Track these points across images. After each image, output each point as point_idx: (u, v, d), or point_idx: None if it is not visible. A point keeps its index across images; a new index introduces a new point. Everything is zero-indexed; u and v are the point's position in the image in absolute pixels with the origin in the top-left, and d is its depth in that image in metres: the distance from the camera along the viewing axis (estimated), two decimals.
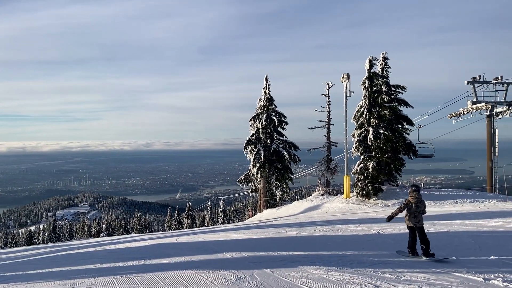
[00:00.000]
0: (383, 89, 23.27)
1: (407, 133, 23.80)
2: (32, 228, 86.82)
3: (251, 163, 30.38)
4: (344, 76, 24.67)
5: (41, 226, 74.74)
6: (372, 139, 22.57)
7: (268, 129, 30.22)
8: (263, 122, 29.88)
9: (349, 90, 24.73)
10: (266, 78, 30.33)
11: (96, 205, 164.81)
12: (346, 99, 24.79)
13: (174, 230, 42.76)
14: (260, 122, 30.14)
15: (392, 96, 23.52)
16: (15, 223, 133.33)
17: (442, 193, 22.28)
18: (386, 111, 22.77)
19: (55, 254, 13.78)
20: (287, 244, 11.10)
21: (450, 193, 22.14)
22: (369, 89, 23.59)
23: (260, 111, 30.52)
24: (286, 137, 30.89)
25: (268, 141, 30.41)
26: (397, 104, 23.54)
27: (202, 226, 50.04)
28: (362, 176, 22.90)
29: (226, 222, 50.28)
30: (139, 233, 47.47)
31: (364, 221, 15.45)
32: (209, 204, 58.14)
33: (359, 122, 24.09)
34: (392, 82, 23.66)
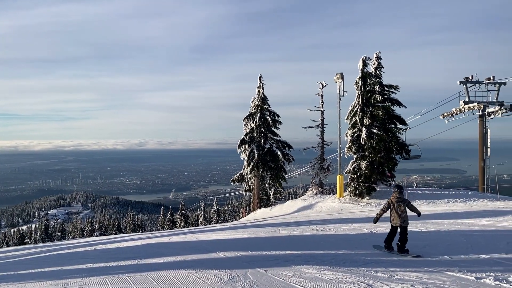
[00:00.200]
0: (376, 89, 23.36)
1: (400, 133, 23.93)
2: (24, 228, 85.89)
3: (245, 163, 30.38)
4: (338, 76, 24.73)
5: (33, 226, 73.99)
6: (365, 139, 22.66)
7: (262, 129, 30.22)
8: (257, 122, 29.88)
9: (343, 90, 24.82)
10: (260, 78, 30.32)
11: (89, 205, 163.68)
12: (340, 99, 24.87)
13: (168, 230, 42.66)
14: (254, 122, 30.12)
15: (385, 96, 23.64)
16: (7, 223, 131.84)
17: (435, 193, 22.41)
18: (379, 111, 22.87)
19: (47, 254, 13.68)
20: (281, 244, 11.10)
21: (443, 193, 22.26)
22: (363, 89, 23.68)
23: (254, 111, 30.50)
24: (280, 137, 30.93)
25: (262, 141, 30.41)
26: (390, 104, 23.67)
27: (196, 226, 49.96)
28: (355, 176, 23.00)
29: (220, 222, 50.29)
30: (132, 233, 47.25)
31: (357, 221, 15.48)
32: (203, 204, 58.10)
33: (353, 122, 24.17)
34: (385, 82, 23.79)
